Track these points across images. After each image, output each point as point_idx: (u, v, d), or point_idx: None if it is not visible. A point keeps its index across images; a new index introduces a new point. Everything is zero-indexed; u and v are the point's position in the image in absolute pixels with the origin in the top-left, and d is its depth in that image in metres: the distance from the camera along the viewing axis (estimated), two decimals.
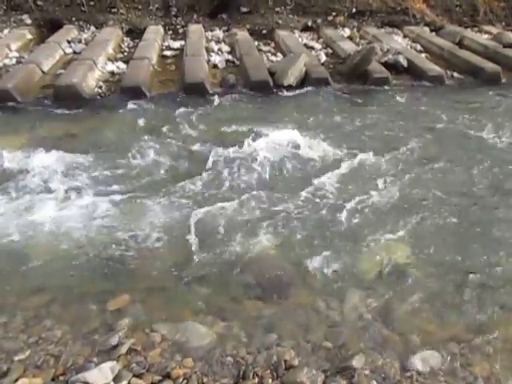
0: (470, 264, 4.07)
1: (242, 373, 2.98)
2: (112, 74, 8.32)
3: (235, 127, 6.47)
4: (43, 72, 8.02)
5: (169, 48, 9.86)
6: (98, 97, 7.38)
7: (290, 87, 7.93)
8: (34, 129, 6.26)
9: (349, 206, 4.81)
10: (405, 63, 8.96)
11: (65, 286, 3.70)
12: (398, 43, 10.34)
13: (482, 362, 3.21)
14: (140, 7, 11.15)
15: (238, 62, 9.11)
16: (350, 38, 10.89)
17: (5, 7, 10.67)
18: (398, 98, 7.91)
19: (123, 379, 2.80)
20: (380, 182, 5.25)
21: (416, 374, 3.08)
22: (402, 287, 3.83)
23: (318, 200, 4.89)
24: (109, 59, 8.83)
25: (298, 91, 7.93)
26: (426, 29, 11.69)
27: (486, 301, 3.71)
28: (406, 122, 6.91)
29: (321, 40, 10.89)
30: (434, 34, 11.51)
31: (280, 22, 11.22)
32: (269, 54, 9.75)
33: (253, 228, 4.41)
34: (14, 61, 8.57)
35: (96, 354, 3.02)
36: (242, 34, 10.31)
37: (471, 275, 3.95)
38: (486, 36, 11.41)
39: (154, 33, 10.16)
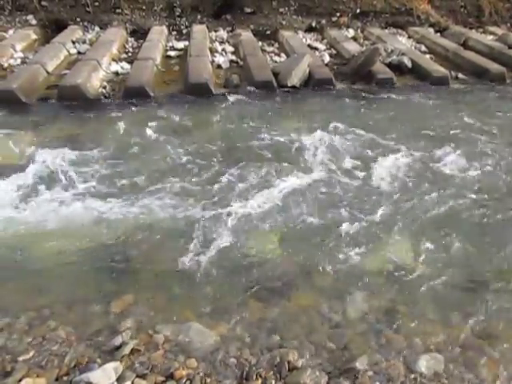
0: (475, 266, 4.06)
1: (245, 374, 2.98)
2: (116, 74, 8.34)
3: (239, 128, 6.47)
4: (48, 72, 8.04)
5: (173, 48, 9.88)
6: (102, 97, 7.39)
7: (293, 88, 7.93)
8: (38, 129, 6.26)
9: (353, 206, 4.80)
10: (409, 64, 8.93)
11: (68, 286, 3.71)
12: (402, 44, 10.31)
13: (487, 365, 3.20)
14: (144, 8, 11.17)
15: (241, 63, 9.12)
16: (354, 38, 10.87)
17: (10, 7, 10.70)
18: (402, 99, 7.89)
19: (127, 380, 2.80)
20: (385, 183, 5.24)
21: (420, 376, 3.07)
22: (406, 289, 3.82)
23: (321, 200, 4.88)
24: (113, 60, 8.85)
25: (301, 92, 7.92)
26: (431, 30, 11.67)
27: (491, 303, 3.70)
28: (410, 122, 6.89)
29: (325, 41, 10.88)
30: (438, 34, 11.49)
31: (284, 22, 11.22)
32: (272, 55, 9.75)
33: (256, 229, 4.41)
34: (18, 61, 8.60)
35: (99, 355, 3.03)
36: (245, 35, 10.32)
37: (477, 277, 3.94)
38: (491, 37, 11.37)
39: (158, 33, 10.17)
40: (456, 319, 3.54)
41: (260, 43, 10.16)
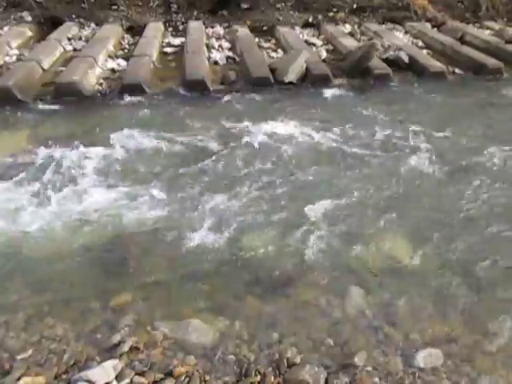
0: (472, 261, 4.06)
1: (244, 370, 2.99)
2: (112, 71, 8.30)
3: (236, 124, 6.45)
4: (44, 69, 8.00)
5: (169, 45, 9.84)
6: (99, 94, 7.36)
7: (290, 84, 7.91)
8: (34, 126, 6.25)
9: (351, 202, 4.80)
10: (406, 59, 8.92)
11: (67, 284, 3.70)
12: (399, 39, 10.29)
13: (484, 358, 3.22)
14: (140, 4, 11.11)
15: (238, 59, 9.08)
16: (351, 34, 10.84)
17: (5, 4, 10.64)
18: (399, 94, 7.89)
19: (125, 377, 2.80)
20: (382, 179, 5.25)
21: (418, 370, 3.08)
22: (404, 284, 3.83)
23: (319, 196, 4.87)
24: (109, 56, 8.81)
25: (298, 88, 7.90)
26: (428, 25, 11.65)
27: (488, 298, 3.71)
28: (407, 118, 6.88)
29: (322, 36, 10.85)
30: (435, 30, 11.46)
31: (281, 18, 11.18)
32: (269, 51, 9.72)
33: (254, 225, 4.41)
34: (14, 58, 8.54)
35: (98, 353, 3.03)
36: (242, 31, 10.28)
37: (474, 272, 3.94)
38: (488, 32, 11.35)
39: (155, 29, 10.13)
40: (454, 314, 3.55)
41: (257, 39, 10.13)
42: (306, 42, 10.10)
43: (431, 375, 3.05)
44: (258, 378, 2.93)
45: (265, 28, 10.97)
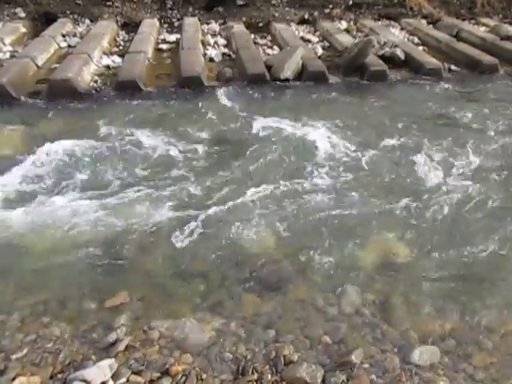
0: (468, 259, 4.07)
1: (241, 369, 2.98)
2: (107, 67, 8.25)
3: (232, 121, 6.43)
4: (38, 66, 7.94)
5: (164, 41, 9.79)
6: (94, 91, 7.31)
7: (286, 80, 7.88)
8: (28, 124, 6.19)
9: (348, 200, 4.80)
10: (402, 56, 8.92)
11: (63, 283, 3.67)
12: (395, 36, 10.30)
13: (480, 355, 3.24)
14: (135, 0, 11.03)
15: (234, 56, 9.05)
16: (347, 30, 10.83)
17: None
18: (395, 91, 7.89)
19: (122, 376, 2.79)
20: (379, 176, 5.25)
21: (415, 367, 3.09)
22: (400, 282, 3.83)
23: (316, 194, 4.87)
24: (104, 53, 8.76)
25: (294, 84, 7.88)
26: (424, 21, 11.65)
27: (484, 295, 3.72)
28: (403, 115, 6.88)
29: (317, 33, 10.83)
30: (431, 26, 11.47)
31: (276, 14, 11.15)
32: (265, 48, 9.68)
33: (251, 223, 4.39)
34: (7, 55, 8.47)
35: (94, 352, 3.01)
36: (238, 27, 10.24)
37: (470, 270, 3.95)
38: (484, 28, 11.38)
39: (150, 26, 10.07)
40: (450, 311, 3.56)
41: (252, 36, 10.10)
42: (301, 38, 10.08)
43: (428, 372, 3.06)
44: (255, 376, 2.92)
45: (260, 24, 10.94)
